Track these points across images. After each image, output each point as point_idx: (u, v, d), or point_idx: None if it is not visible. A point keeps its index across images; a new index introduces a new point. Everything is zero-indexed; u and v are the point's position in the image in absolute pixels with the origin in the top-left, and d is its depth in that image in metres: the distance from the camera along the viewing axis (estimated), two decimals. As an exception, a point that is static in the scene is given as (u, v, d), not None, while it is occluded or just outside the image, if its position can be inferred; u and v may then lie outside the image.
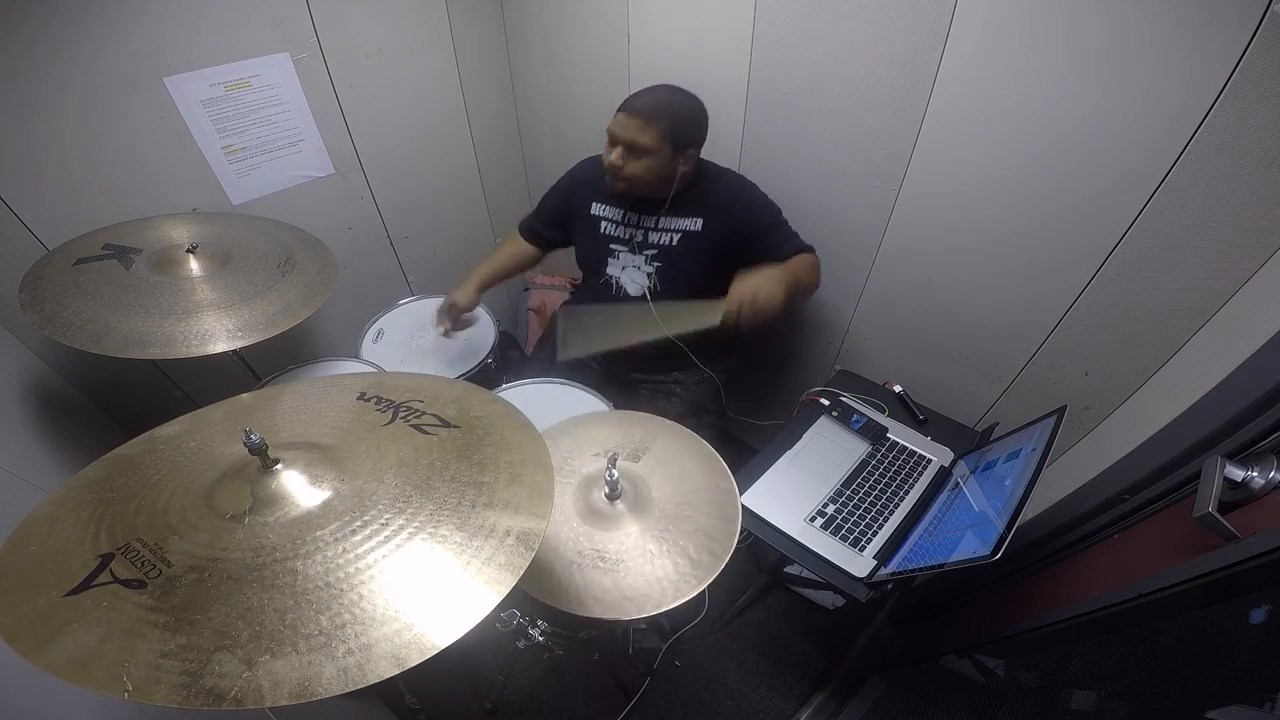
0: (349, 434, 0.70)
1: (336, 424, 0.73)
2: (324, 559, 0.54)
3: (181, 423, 0.75)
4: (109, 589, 0.50)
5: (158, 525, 0.57)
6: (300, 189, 1.51)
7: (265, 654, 0.46)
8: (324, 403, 0.78)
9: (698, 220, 1.28)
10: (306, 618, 0.49)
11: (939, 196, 1.20)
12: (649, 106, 1.15)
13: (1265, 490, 0.68)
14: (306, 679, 0.45)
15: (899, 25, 1.07)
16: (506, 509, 0.61)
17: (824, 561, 1.08)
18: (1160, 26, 0.84)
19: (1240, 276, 0.91)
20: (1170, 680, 0.79)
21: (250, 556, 0.53)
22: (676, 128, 1.16)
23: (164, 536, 0.55)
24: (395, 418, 0.73)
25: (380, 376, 0.82)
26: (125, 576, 0.51)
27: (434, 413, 0.74)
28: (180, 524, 0.57)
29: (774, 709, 1.49)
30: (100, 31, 1.10)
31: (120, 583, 0.51)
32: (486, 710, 1.44)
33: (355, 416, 0.74)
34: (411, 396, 0.77)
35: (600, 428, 1.10)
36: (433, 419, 0.73)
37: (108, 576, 0.51)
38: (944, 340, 1.38)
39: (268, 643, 0.47)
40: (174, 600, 0.50)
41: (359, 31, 1.45)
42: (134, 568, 0.52)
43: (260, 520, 0.57)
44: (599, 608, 0.81)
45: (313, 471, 0.62)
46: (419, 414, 0.74)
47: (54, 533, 0.56)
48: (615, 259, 1.35)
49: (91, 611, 0.48)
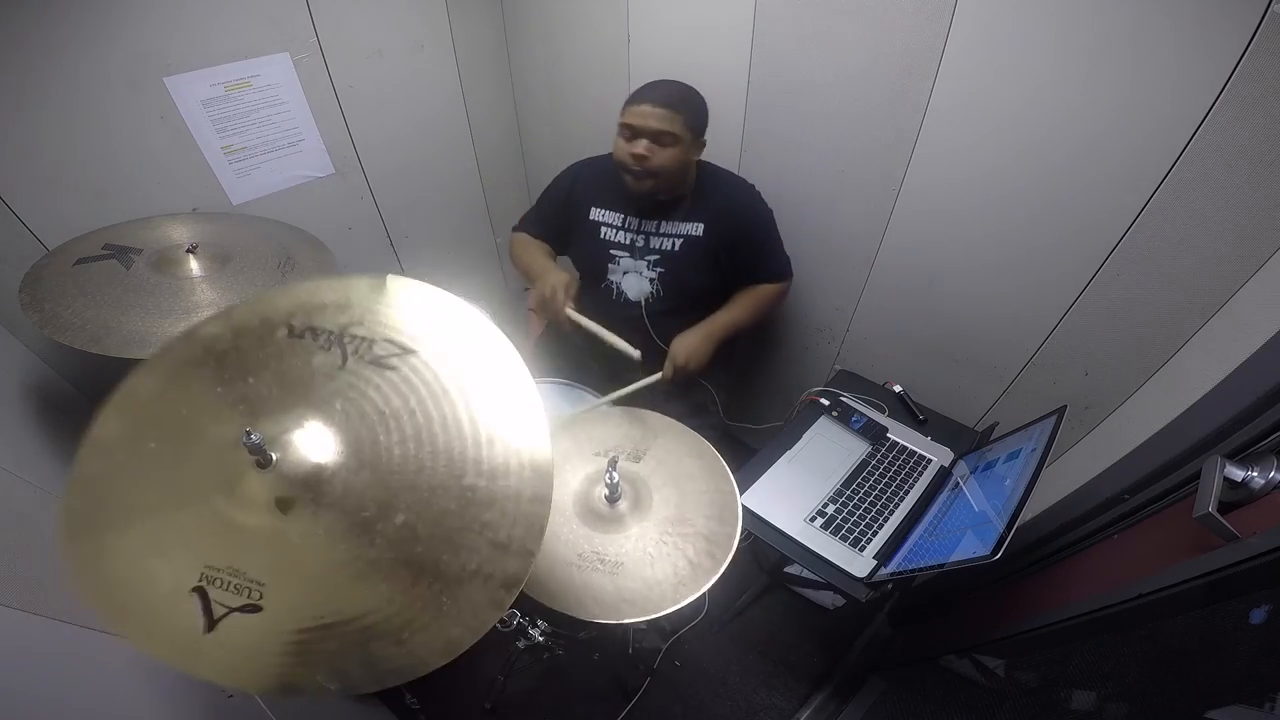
0: (312, 392, 0.64)
1: (286, 379, 0.65)
2: (386, 538, 0.57)
3: (115, 420, 0.65)
4: (232, 618, 0.54)
5: (212, 549, 0.57)
6: (300, 189, 1.51)
7: (404, 631, 0.53)
8: (255, 352, 0.67)
9: (699, 225, 1.28)
10: (410, 594, 0.55)
11: (939, 196, 1.20)
12: (670, 95, 1.15)
13: (1265, 490, 0.68)
14: (448, 641, 0.53)
15: (899, 25, 1.07)
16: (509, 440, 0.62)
17: (824, 561, 1.08)
18: (1160, 27, 0.84)
19: (1240, 276, 0.91)
20: (1170, 680, 0.79)
21: (323, 556, 0.57)
22: (695, 116, 1.18)
23: (232, 558, 0.57)
24: (345, 357, 0.65)
25: (291, 294, 0.70)
26: (237, 605, 0.54)
27: (381, 337, 0.66)
28: (230, 541, 0.58)
29: (774, 709, 1.49)
30: (100, 31, 1.10)
31: (238, 610, 0.54)
32: (486, 710, 1.44)
33: (301, 362, 0.65)
34: (346, 319, 0.67)
35: (600, 428, 1.10)
36: (386, 344, 0.65)
37: (221, 609, 0.54)
38: (944, 340, 1.38)
39: (399, 622, 0.54)
40: (297, 614, 0.55)
41: (359, 31, 1.45)
42: (235, 594, 0.55)
43: (301, 521, 0.58)
44: (598, 610, 0.81)
45: (314, 452, 0.61)
46: (368, 342, 0.65)
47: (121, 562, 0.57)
48: (616, 265, 1.34)
49: (238, 640, 0.53)
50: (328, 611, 0.54)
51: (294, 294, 0.70)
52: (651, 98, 1.15)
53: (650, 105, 1.15)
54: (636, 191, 1.23)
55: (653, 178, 1.19)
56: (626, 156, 1.19)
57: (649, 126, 1.15)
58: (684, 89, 1.18)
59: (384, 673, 0.52)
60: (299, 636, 0.53)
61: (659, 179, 1.20)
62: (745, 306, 1.34)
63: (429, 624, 0.53)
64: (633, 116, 1.17)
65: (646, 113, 1.15)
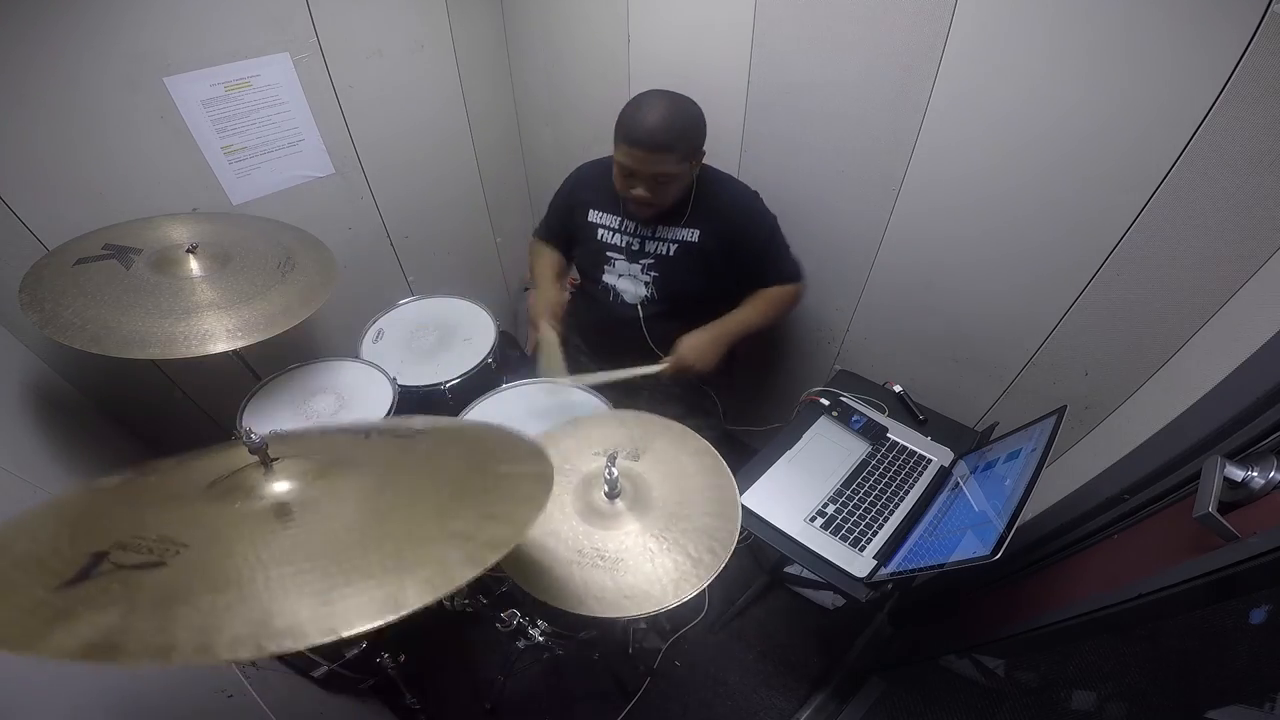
0: (333, 448, 0.70)
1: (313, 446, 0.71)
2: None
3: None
4: (115, 575, 0.45)
5: (150, 524, 0.53)
6: (300, 189, 1.51)
7: (343, 585, 0.45)
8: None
9: (695, 231, 1.27)
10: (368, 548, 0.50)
11: (939, 196, 1.20)
12: (661, 136, 1.09)
13: (1265, 490, 0.68)
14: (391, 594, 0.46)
15: (899, 25, 1.07)
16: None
17: (824, 561, 1.08)
18: (1160, 27, 0.84)
19: (1240, 276, 0.91)
20: (1170, 680, 0.79)
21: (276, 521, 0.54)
22: (690, 144, 1.14)
23: (165, 527, 0.51)
24: (369, 435, 0.74)
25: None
26: (134, 563, 0.46)
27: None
28: (180, 518, 0.55)
29: (774, 709, 1.49)
30: (100, 31, 1.10)
31: (129, 568, 0.45)
32: (486, 710, 1.44)
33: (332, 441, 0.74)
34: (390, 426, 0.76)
35: (600, 427, 1.10)
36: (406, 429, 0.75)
37: (109, 566, 0.45)
38: (944, 340, 1.38)
39: (343, 575, 0.46)
40: (212, 569, 0.47)
41: (359, 31, 1.45)
42: (141, 555, 0.47)
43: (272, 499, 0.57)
44: (599, 606, 0.81)
45: (308, 470, 0.62)
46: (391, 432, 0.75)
47: (22, 549, 0.50)
48: (612, 267, 1.34)
49: (99, 598, 0.43)
50: (249, 563, 0.47)
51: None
52: (645, 142, 1.09)
53: (644, 151, 1.09)
54: (641, 218, 1.26)
55: (654, 208, 1.21)
56: (627, 194, 1.18)
57: (645, 171, 1.12)
58: (675, 115, 1.10)
59: (277, 632, 0.41)
60: (191, 586, 0.45)
61: (659, 209, 1.21)
62: (756, 308, 1.33)
63: (372, 578, 0.46)
64: (627, 158, 1.12)
65: (640, 158, 1.10)
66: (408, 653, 1.19)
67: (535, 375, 1.37)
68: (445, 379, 1.35)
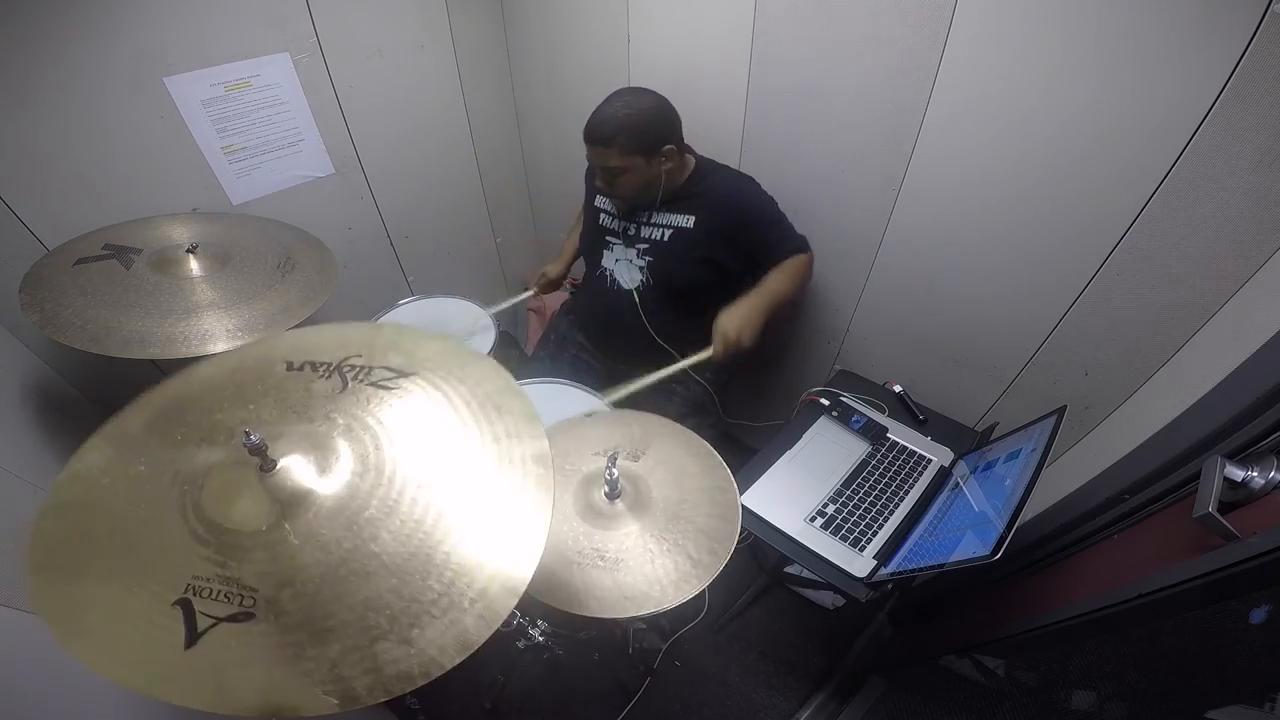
0: (312, 411, 0.65)
1: (287, 404, 0.66)
2: (391, 534, 0.55)
3: (101, 450, 0.64)
4: (219, 629, 0.49)
5: (200, 560, 0.54)
6: (300, 189, 1.51)
7: (413, 629, 0.50)
8: (254, 385, 0.69)
9: (690, 217, 1.29)
10: (420, 588, 0.52)
11: (939, 196, 1.20)
12: (604, 129, 1.18)
13: (1265, 490, 0.68)
14: (460, 635, 0.50)
15: (899, 25, 1.07)
16: (510, 439, 0.63)
17: (824, 561, 1.08)
18: (1160, 26, 0.84)
19: (1240, 276, 0.91)
20: (1170, 680, 0.79)
21: (324, 556, 0.54)
22: (637, 138, 1.18)
23: (221, 567, 0.53)
24: (345, 382, 0.67)
25: (288, 337, 0.75)
26: (226, 614, 0.50)
27: (380, 364, 0.69)
28: (222, 550, 0.54)
29: (774, 709, 1.49)
30: (100, 32, 1.10)
31: (227, 620, 0.49)
32: (486, 710, 1.44)
33: (301, 390, 0.67)
34: (344, 353, 0.70)
35: (600, 428, 1.10)
36: (383, 371, 0.68)
37: (208, 620, 0.49)
38: (944, 340, 1.38)
39: (407, 619, 0.50)
40: (294, 618, 0.50)
41: (359, 31, 1.45)
42: (225, 603, 0.50)
43: (302, 523, 0.56)
44: (599, 607, 0.81)
45: (315, 468, 0.60)
46: (366, 369, 0.68)
47: (94, 588, 0.52)
48: (609, 250, 1.38)
49: (225, 654, 0.48)
50: (328, 612, 0.51)
51: (288, 338, 0.75)
52: (588, 136, 1.20)
53: (590, 146, 1.21)
54: (620, 208, 1.33)
55: (622, 200, 1.29)
56: (596, 185, 1.29)
57: (597, 165, 1.23)
58: (619, 111, 1.18)
59: (392, 678, 0.48)
60: (295, 640, 0.49)
61: (626, 200, 1.29)
62: (781, 279, 1.30)
63: (439, 618, 0.51)
64: (587, 151, 1.23)
65: (590, 153, 1.22)
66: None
67: (527, 369, 1.38)
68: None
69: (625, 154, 1.19)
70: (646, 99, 1.20)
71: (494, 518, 0.58)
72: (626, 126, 1.18)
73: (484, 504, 0.58)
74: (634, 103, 1.19)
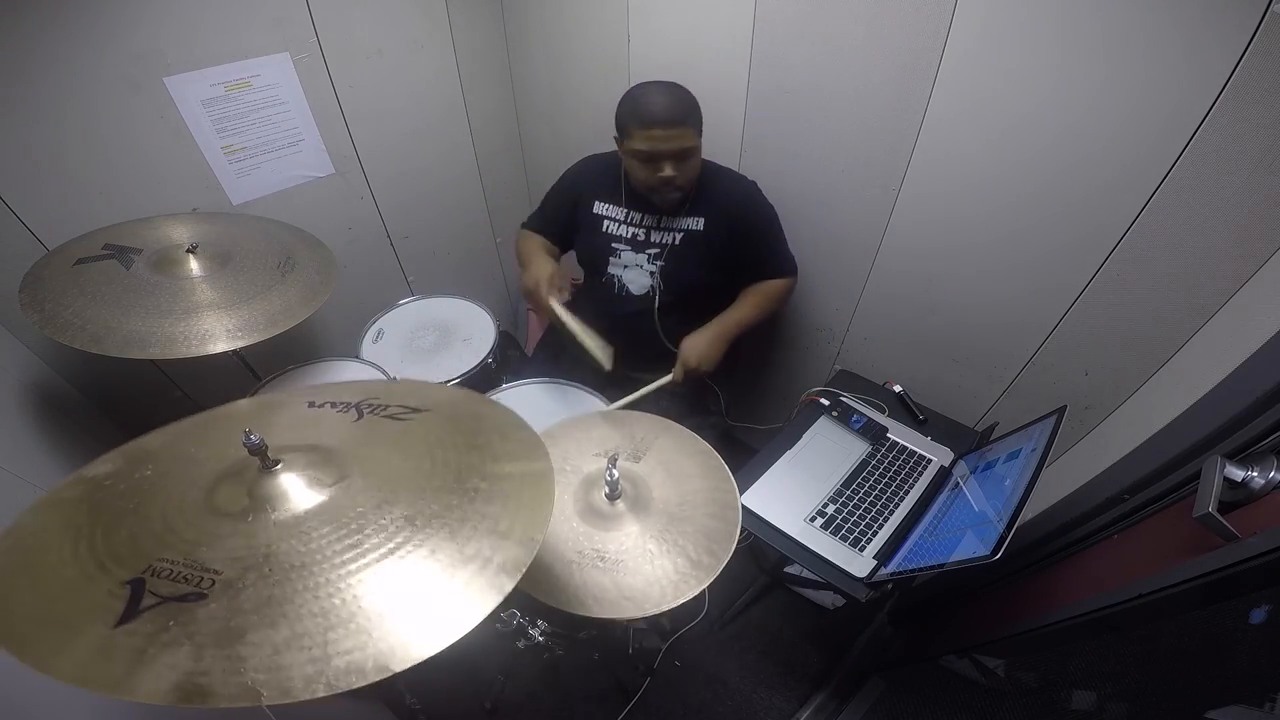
0: (326, 433, 0.68)
1: (303, 430, 0.69)
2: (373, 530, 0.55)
3: (113, 460, 0.65)
4: (163, 609, 0.46)
5: (171, 543, 0.53)
6: (300, 189, 1.51)
7: (379, 615, 0.48)
8: (275, 421, 0.73)
9: (700, 220, 1.28)
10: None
11: (939, 196, 1.20)
12: (677, 110, 1.14)
13: (1265, 490, 0.68)
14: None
15: (899, 25, 1.07)
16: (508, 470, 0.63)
17: (824, 561, 1.08)
18: (1160, 26, 0.84)
19: (1240, 276, 0.91)
20: (1170, 680, 0.79)
21: (301, 545, 0.53)
22: (699, 118, 1.18)
23: (191, 552, 0.52)
24: (361, 414, 0.71)
25: (319, 389, 0.79)
26: (176, 594, 0.47)
27: (397, 403, 0.72)
28: (200, 536, 0.54)
29: (774, 709, 1.49)
30: (100, 32, 1.10)
31: (175, 600, 0.47)
32: (486, 710, 1.44)
33: (318, 420, 0.71)
34: (364, 395, 0.75)
35: (600, 428, 1.10)
36: (400, 408, 0.72)
37: (152, 599, 0.47)
38: (944, 340, 1.38)
39: (374, 608, 0.48)
40: (250, 601, 0.48)
41: (359, 31, 1.45)
42: (180, 584, 0.48)
43: (285, 511, 0.57)
44: (598, 607, 0.81)
45: (313, 472, 0.61)
46: (383, 406, 0.72)
47: (46, 575, 0.51)
48: (617, 258, 1.35)
49: (156, 635, 0.45)
50: (286, 596, 0.48)
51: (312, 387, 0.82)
52: (663, 119, 1.13)
53: (663, 129, 1.13)
54: (666, 206, 1.27)
55: (681, 190, 1.23)
56: (654, 182, 1.20)
57: (670, 149, 1.15)
58: (681, 95, 1.17)
59: (338, 670, 0.43)
60: (242, 624, 0.46)
61: (687, 189, 1.24)
62: (752, 304, 1.35)
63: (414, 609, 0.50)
64: (648, 141, 1.14)
65: (662, 135, 1.13)
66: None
67: (527, 369, 1.36)
68: (445, 379, 1.35)
69: (697, 134, 1.17)
70: (682, 86, 1.19)
71: (484, 518, 0.57)
72: (692, 104, 1.16)
73: (477, 506, 0.58)
74: (679, 87, 1.17)
